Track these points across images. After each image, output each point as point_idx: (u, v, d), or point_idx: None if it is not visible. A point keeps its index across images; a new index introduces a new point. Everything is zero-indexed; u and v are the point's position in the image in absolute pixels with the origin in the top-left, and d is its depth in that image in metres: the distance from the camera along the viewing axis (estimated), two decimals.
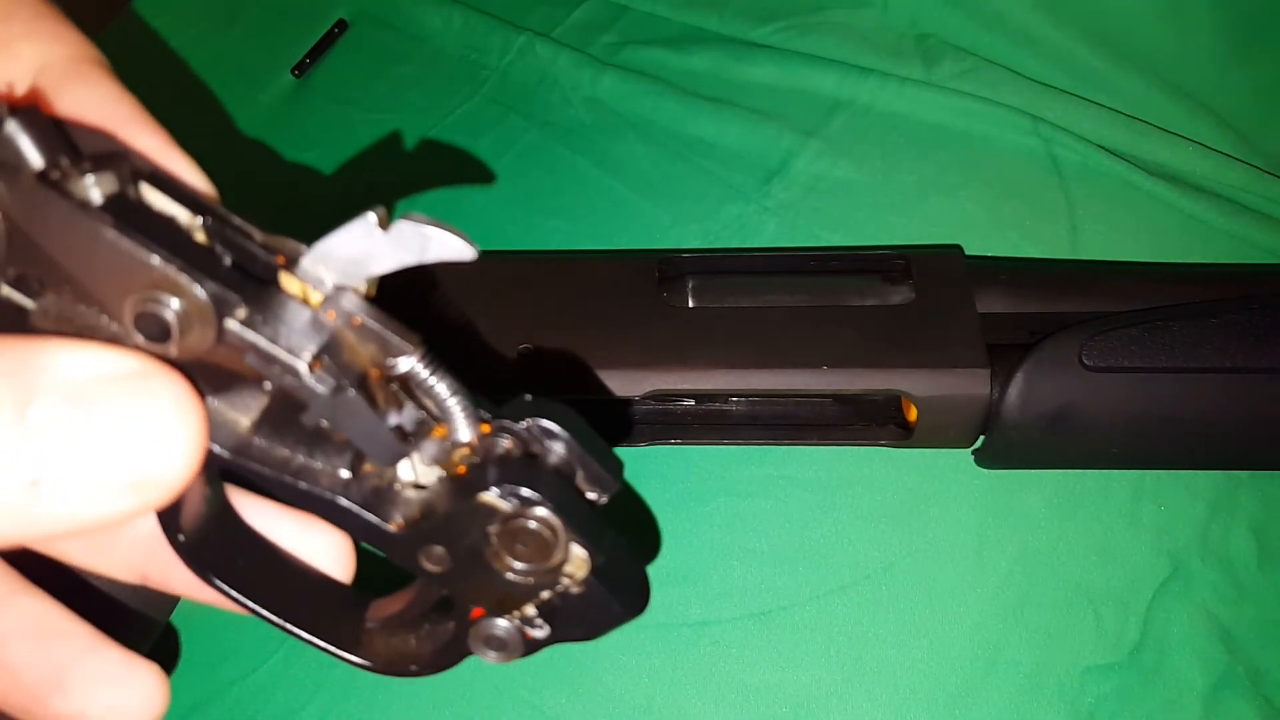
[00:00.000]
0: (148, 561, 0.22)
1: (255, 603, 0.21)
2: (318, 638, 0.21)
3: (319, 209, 0.53)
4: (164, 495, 0.15)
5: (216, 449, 0.17)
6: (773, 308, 0.39)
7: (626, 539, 0.20)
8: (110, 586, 0.27)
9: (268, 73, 0.59)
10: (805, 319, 0.39)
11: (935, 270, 0.40)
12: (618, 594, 0.19)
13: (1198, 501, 0.40)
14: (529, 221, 0.51)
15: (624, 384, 0.38)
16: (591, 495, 0.19)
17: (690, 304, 0.41)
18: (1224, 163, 0.48)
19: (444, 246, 0.16)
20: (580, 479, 0.19)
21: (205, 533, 0.20)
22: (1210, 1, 0.49)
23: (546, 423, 0.18)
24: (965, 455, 0.40)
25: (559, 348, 0.38)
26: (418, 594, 0.22)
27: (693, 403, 0.42)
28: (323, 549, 0.22)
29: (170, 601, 0.35)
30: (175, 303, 0.15)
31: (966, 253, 0.41)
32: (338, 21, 0.60)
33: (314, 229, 0.51)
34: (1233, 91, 0.50)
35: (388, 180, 0.54)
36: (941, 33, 0.54)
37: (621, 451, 0.42)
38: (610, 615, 0.19)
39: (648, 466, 0.42)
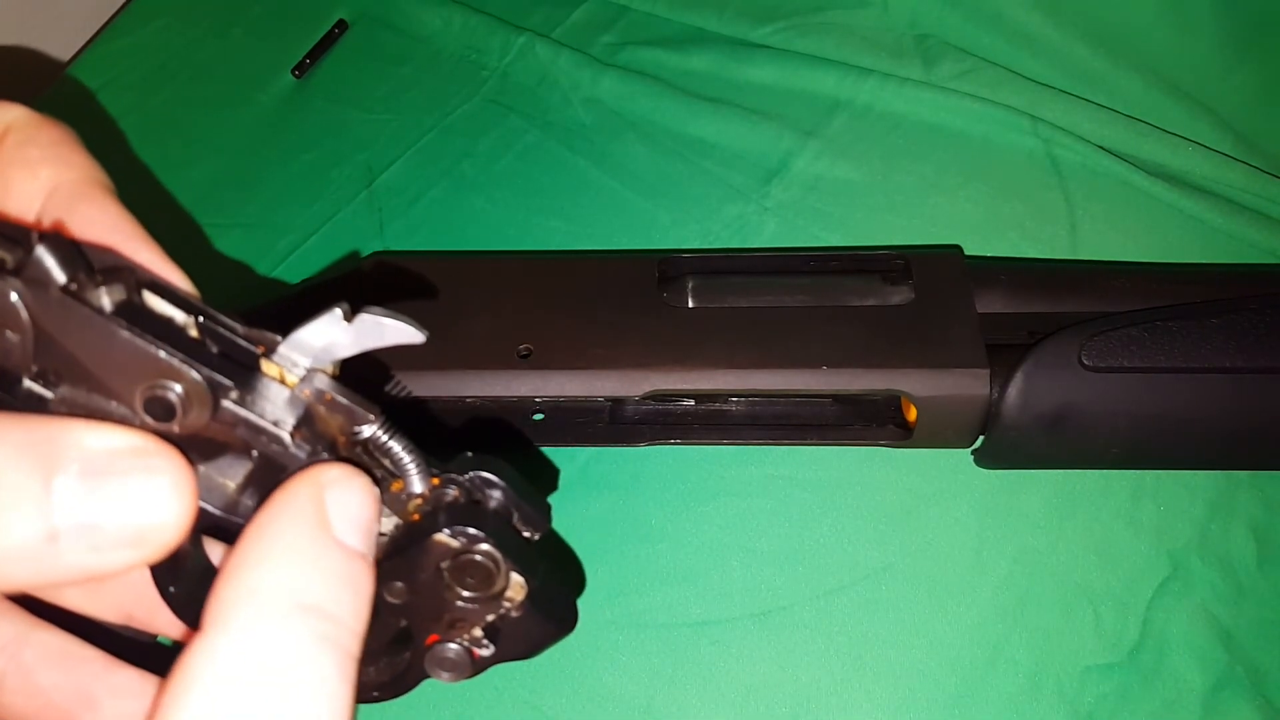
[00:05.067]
0: (135, 603, 0.25)
1: None
2: None
3: (318, 209, 0.53)
4: (160, 551, 0.18)
5: (209, 508, 0.20)
6: (772, 308, 0.40)
7: (557, 570, 0.23)
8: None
9: (268, 73, 0.59)
10: (805, 319, 0.39)
11: (935, 270, 0.40)
12: (551, 616, 0.23)
13: (1197, 501, 0.40)
14: (529, 221, 0.51)
15: (624, 384, 0.38)
16: (526, 534, 0.22)
17: (690, 304, 0.41)
18: (1223, 163, 0.48)
19: (399, 334, 0.19)
20: (516, 520, 0.22)
21: (190, 586, 0.23)
22: (1210, 1, 0.49)
23: (486, 474, 0.21)
24: (965, 455, 0.40)
25: (559, 348, 0.38)
26: (375, 633, 0.24)
27: (693, 403, 0.42)
28: None
29: None
30: (178, 388, 0.18)
31: (966, 253, 0.41)
32: (338, 22, 0.61)
33: (313, 228, 0.51)
34: (1232, 92, 0.50)
35: (387, 181, 0.54)
36: (941, 33, 0.54)
37: (621, 451, 0.42)
38: (545, 634, 0.23)
39: (648, 466, 0.42)
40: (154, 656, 0.37)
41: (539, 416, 0.39)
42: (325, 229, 0.52)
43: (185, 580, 0.22)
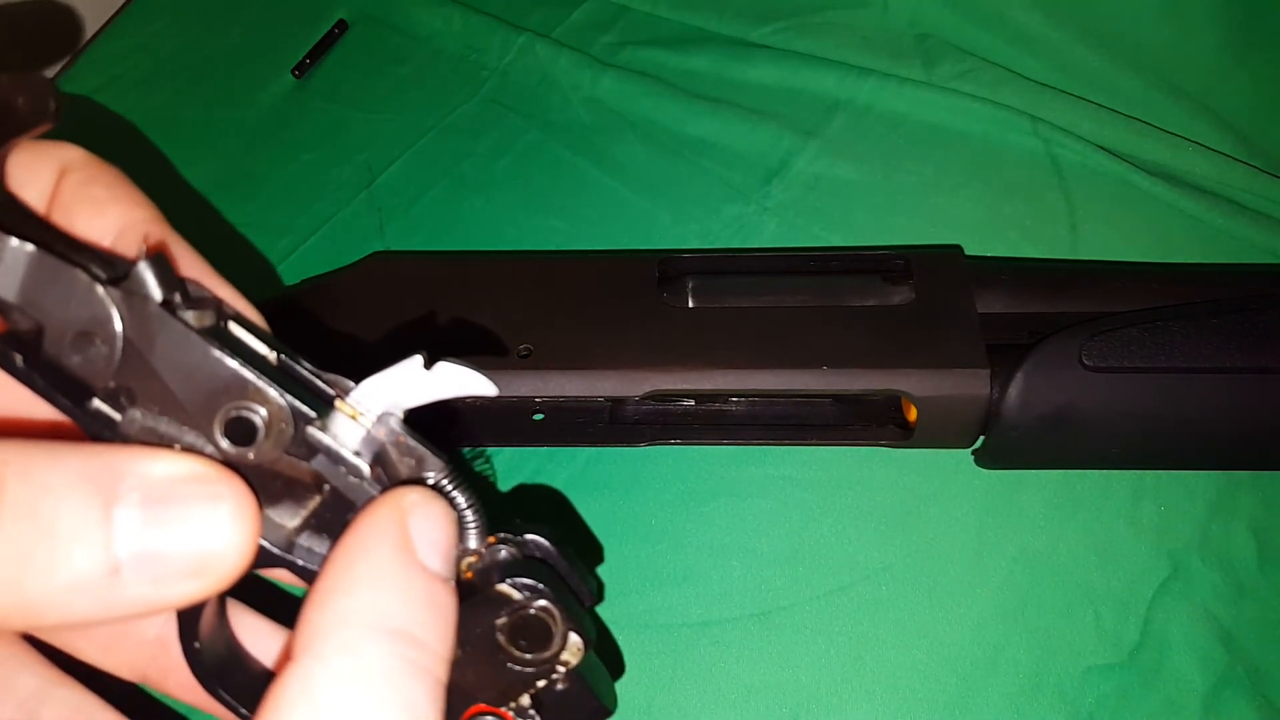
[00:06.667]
0: (150, 664, 0.25)
1: (251, 714, 0.23)
2: None
3: (319, 209, 0.53)
4: (223, 581, 0.18)
5: (267, 545, 0.20)
6: (772, 308, 0.40)
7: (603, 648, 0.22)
8: None
9: (268, 73, 0.59)
10: (805, 319, 0.39)
11: (935, 270, 0.40)
12: (597, 690, 0.22)
13: (1197, 501, 0.40)
14: (529, 221, 0.51)
15: (624, 384, 0.38)
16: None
17: (690, 304, 0.41)
18: (1223, 163, 0.48)
19: (472, 385, 0.20)
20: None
21: (214, 647, 0.23)
22: (1210, 2, 0.49)
23: (540, 540, 0.21)
24: (965, 455, 0.40)
25: (559, 348, 0.38)
26: None
27: (693, 403, 0.42)
28: None
29: None
30: (263, 411, 0.19)
31: (966, 253, 0.41)
32: (338, 22, 0.61)
33: (313, 228, 0.51)
34: (1232, 92, 0.50)
35: (387, 181, 0.54)
36: (941, 33, 0.54)
37: (621, 452, 0.42)
38: (590, 710, 0.22)
39: (648, 466, 0.42)
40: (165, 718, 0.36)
41: (539, 416, 0.39)
42: (325, 229, 0.52)
43: (210, 642, 0.22)
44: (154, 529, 0.17)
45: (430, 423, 0.20)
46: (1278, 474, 0.40)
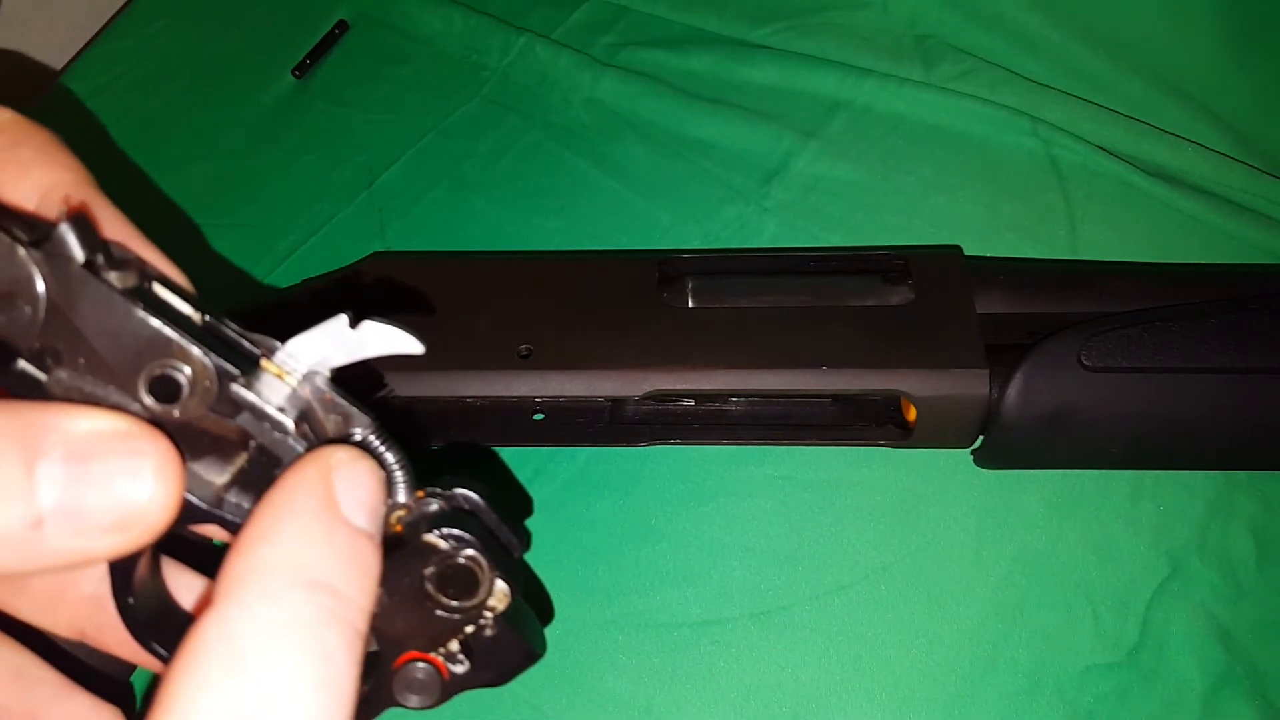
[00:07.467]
0: (87, 621, 0.25)
1: None
2: None
3: (319, 209, 0.53)
4: (146, 535, 0.18)
5: (194, 500, 0.20)
6: (772, 308, 0.40)
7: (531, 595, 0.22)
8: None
9: (269, 74, 0.59)
10: (805, 319, 0.39)
11: (934, 271, 0.40)
12: (526, 635, 0.23)
13: (1196, 501, 0.40)
14: (529, 222, 0.51)
15: (624, 384, 0.38)
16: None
17: (690, 304, 0.41)
18: (1223, 163, 0.48)
19: (397, 344, 0.20)
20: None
21: (147, 601, 0.23)
22: (1210, 2, 0.49)
23: (469, 493, 0.22)
24: (964, 455, 0.40)
25: (559, 348, 0.38)
26: None
27: (692, 403, 0.42)
28: None
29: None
30: (187, 369, 0.19)
31: (966, 253, 0.41)
32: (338, 22, 0.61)
33: (314, 229, 0.51)
34: (1232, 92, 0.50)
35: (388, 181, 0.54)
36: (941, 34, 0.54)
37: (621, 451, 0.42)
38: (519, 653, 0.23)
39: (648, 466, 0.42)
40: (104, 680, 0.37)
41: (539, 416, 0.39)
42: (326, 229, 0.52)
43: (143, 596, 0.23)
44: (76, 484, 0.17)
45: (438, 421, 0.20)
46: (1276, 474, 0.40)
